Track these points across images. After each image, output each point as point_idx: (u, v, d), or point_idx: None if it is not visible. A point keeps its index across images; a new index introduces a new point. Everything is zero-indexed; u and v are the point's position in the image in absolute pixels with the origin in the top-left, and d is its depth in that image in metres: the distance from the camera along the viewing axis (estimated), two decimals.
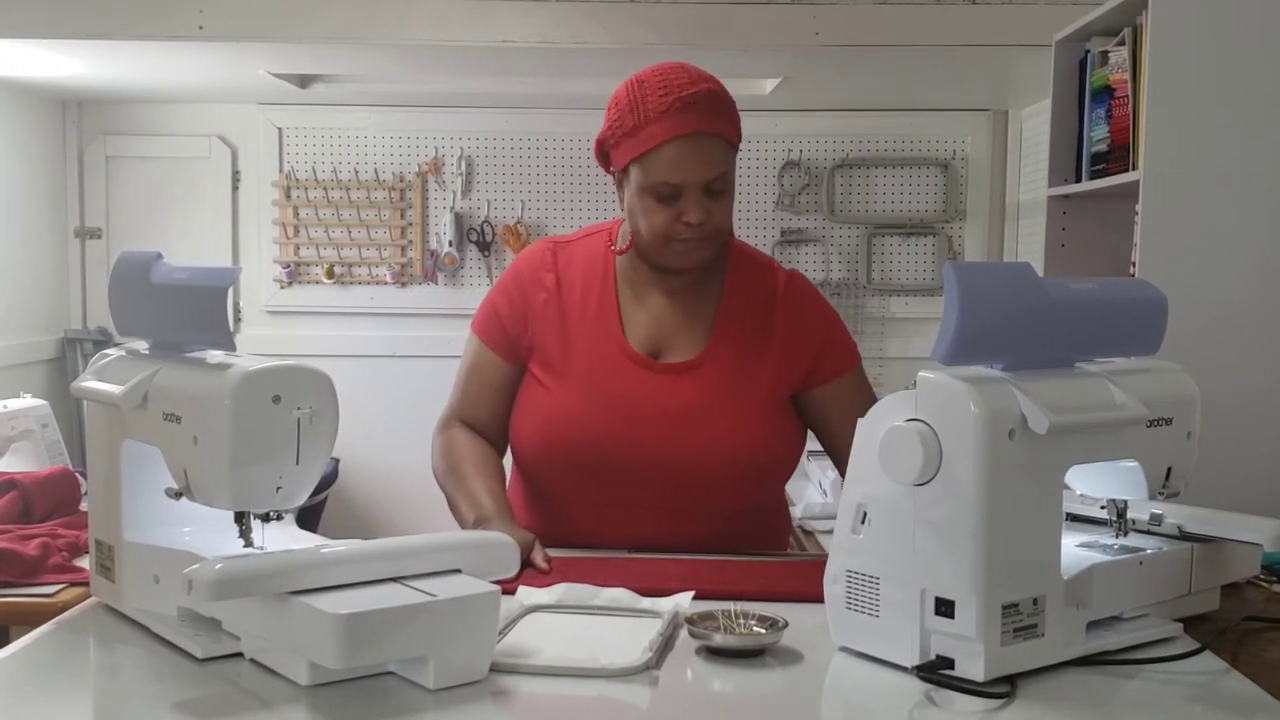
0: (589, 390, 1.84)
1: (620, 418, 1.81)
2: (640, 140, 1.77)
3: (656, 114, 1.76)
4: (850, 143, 4.54)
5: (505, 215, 4.56)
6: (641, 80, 1.80)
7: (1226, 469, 2.10)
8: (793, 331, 1.88)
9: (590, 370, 1.85)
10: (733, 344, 1.86)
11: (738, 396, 1.83)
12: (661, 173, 1.76)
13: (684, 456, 1.79)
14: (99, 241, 4.60)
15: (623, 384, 1.84)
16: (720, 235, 1.83)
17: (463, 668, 1.25)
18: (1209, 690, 1.30)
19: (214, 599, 1.21)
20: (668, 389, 1.83)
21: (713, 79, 1.81)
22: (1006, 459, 1.25)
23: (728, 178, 1.79)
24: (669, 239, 1.80)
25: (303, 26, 3.28)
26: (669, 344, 1.87)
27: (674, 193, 1.77)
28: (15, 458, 2.86)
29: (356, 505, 4.53)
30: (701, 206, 1.77)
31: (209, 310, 1.38)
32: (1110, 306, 1.42)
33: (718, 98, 1.79)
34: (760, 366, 1.86)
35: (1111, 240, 2.91)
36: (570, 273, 1.91)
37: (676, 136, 1.75)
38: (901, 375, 4.43)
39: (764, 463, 1.85)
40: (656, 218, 1.79)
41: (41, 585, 2.16)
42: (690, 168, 1.75)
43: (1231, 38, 2.43)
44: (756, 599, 1.50)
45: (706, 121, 1.76)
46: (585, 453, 1.81)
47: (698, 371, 1.84)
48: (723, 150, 1.78)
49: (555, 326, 1.88)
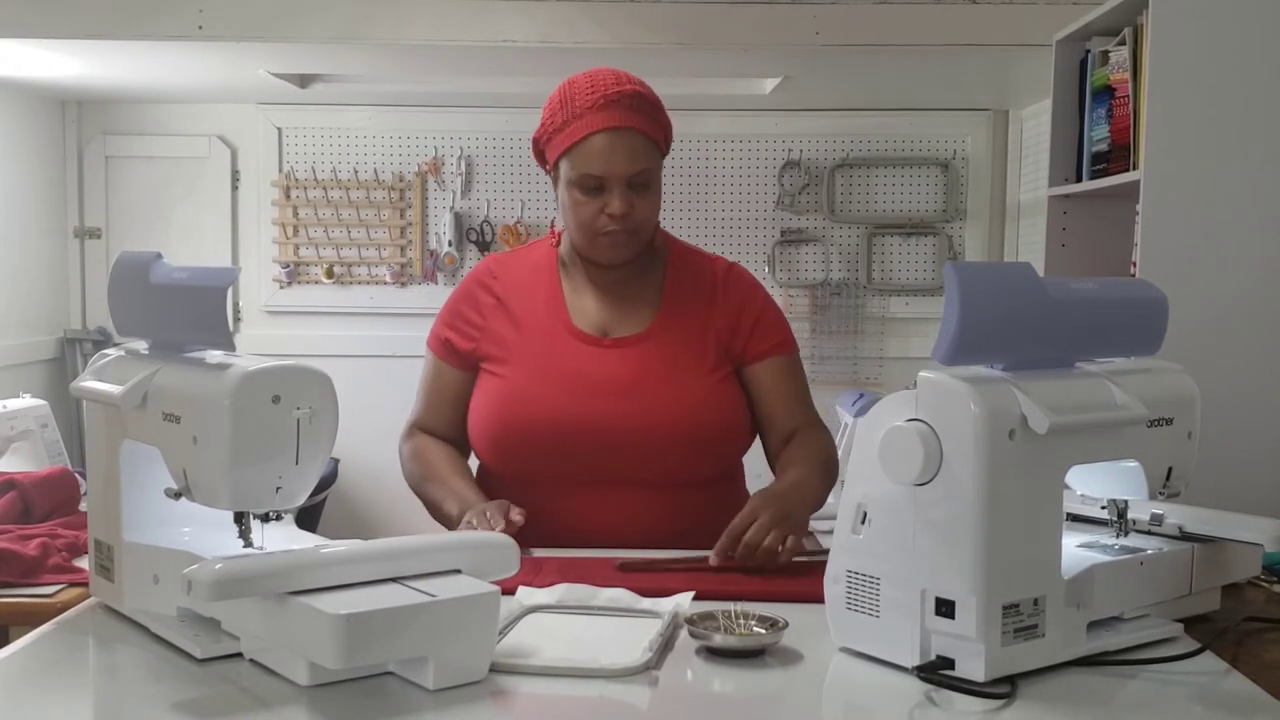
0: (540, 369, 1.92)
1: (572, 392, 1.89)
2: (567, 134, 1.87)
3: (583, 109, 1.86)
4: (850, 143, 4.54)
5: (505, 215, 4.55)
6: (573, 81, 1.91)
7: (1227, 469, 2.10)
8: (731, 308, 1.98)
9: (540, 352, 1.94)
10: (677, 320, 1.96)
11: (685, 366, 1.92)
12: (586, 164, 1.86)
13: (637, 424, 1.86)
14: (98, 241, 4.59)
15: (573, 360, 1.92)
16: (644, 230, 1.92)
17: (463, 668, 1.25)
18: (1209, 690, 1.30)
19: (213, 599, 1.21)
20: (617, 362, 1.92)
21: (642, 84, 1.92)
22: (1007, 459, 1.25)
23: (651, 174, 1.88)
24: (594, 232, 1.89)
25: (303, 26, 3.28)
26: (616, 324, 1.96)
27: (598, 185, 1.86)
28: (15, 458, 2.86)
29: (356, 505, 4.53)
30: (624, 199, 1.86)
31: (208, 310, 1.38)
32: (1110, 306, 1.42)
33: (643, 99, 1.89)
34: (703, 341, 1.95)
35: (1112, 240, 2.91)
36: (517, 277, 2.02)
37: (601, 130, 1.84)
38: (902, 375, 4.43)
39: (715, 426, 1.91)
40: (583, 211, 1.89)
41: (41, 585, 2.16)
42: (613, 160, 1.85)
43: (1231, 38, 2.43)
44: (756, 599, 1.50)
45: (630, 118, 1.85)
46: (540, 428, 1.88)
47: (645, 344, 1.94)
48: (646, 147, 1.87)
49: (505, 326, 1.97)
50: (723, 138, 4.52)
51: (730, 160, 4.54)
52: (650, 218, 1.92)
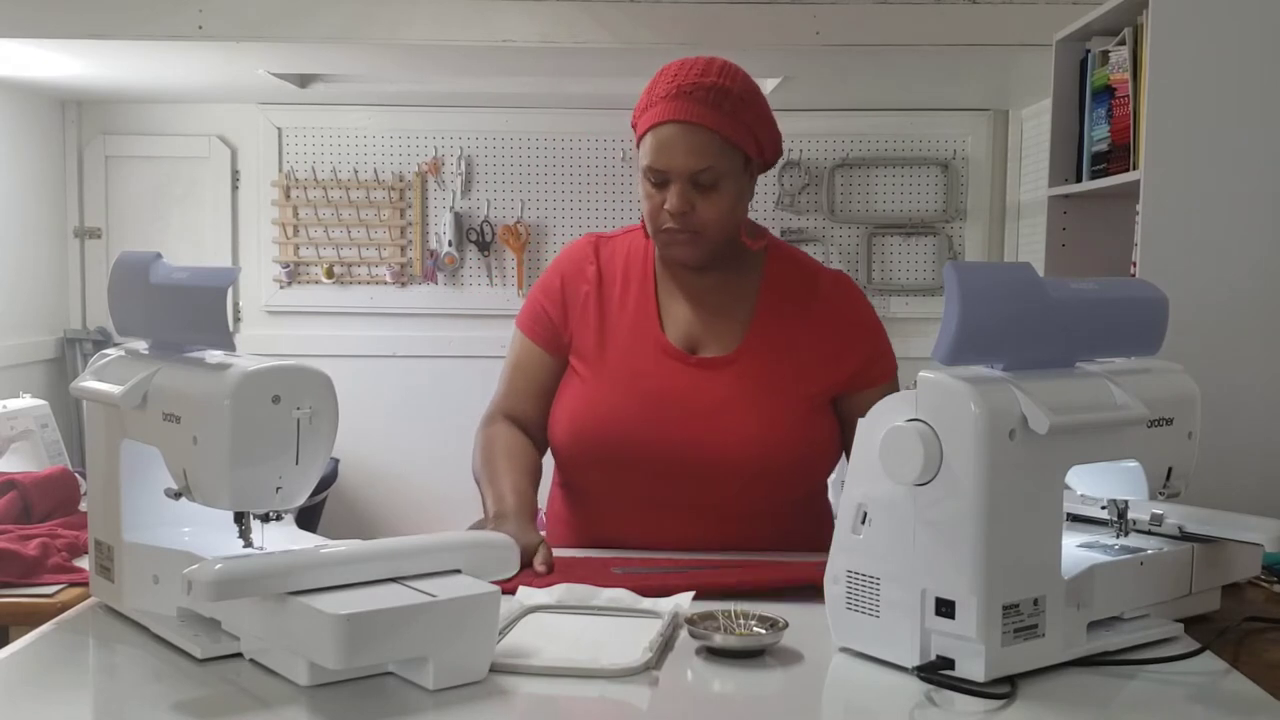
0: (621, 383, 1.84)
1: (650, 412, 1.81)
2: (644, 121, 1.80)
3: (658, 98, 1.78)
4: (850, 143, 4.54)
5: (505, 215, 4.55)
6: (665, 67, 1.82)
7: (1227, 469, 2.10)
8: (835, 333, 1.87)
9: (624, 363, 1.85)
10: (769, 341, 1.85)
11: (770, 394, 1.82)
12: (650, 155, 1.78)
13: (712, 454, 1.78)
14: (98, 241, 4.60)
15: (655, 378, 1.83)
16: (710, 232, 1.80)
17: (462, 668, 1.25)
18: (1209, 691, 1.29)
19: (213, 599, 1.21)
20: (700, 384, 1.82)
21: (734, 77, 1.79)
22: (1007, 459, 1.25)
23: (719, 174, 1.77)
24: (656, 227, 1.81)
25: (302, 26, 3.28)
26: (705, 339, 1.87)
27: (662, 179, 1.78)
28: (15, 458, 2.86)
29: (356, 505, 4.53)
30: (683, 196, 1.76)
31: (208, 310, 1.38)
32: (1111, 306, 1.42)
33: (725, 93, 1.76)
34: (797, 365, 1.84)
35: (1112, 240, 2.91)
36: (612, 266, 1.92)
37: (667, 121, 1.76)
38: (902, 375, 4.40)
39: (792, 462, 1.81)
40: (648, 203, 1.81)
41: (41, 585, 2.16)
42: (674, 154, 1.76)
43: (1231, 38, 2.43)
44: (756, 588, 1.51)
45: (699, 112, 1.75)
46: (612, 445, 1.80)
47: (732, 367, 1.83)
48: (714, 145, 1.76)
49: (594, 319, 1.89)
50: None
51: None
52: (716, 220, 1.79)
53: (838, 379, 1.86)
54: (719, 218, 1.79)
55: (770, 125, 1.84)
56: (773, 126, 1.85)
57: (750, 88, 1.81)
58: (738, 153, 1.78)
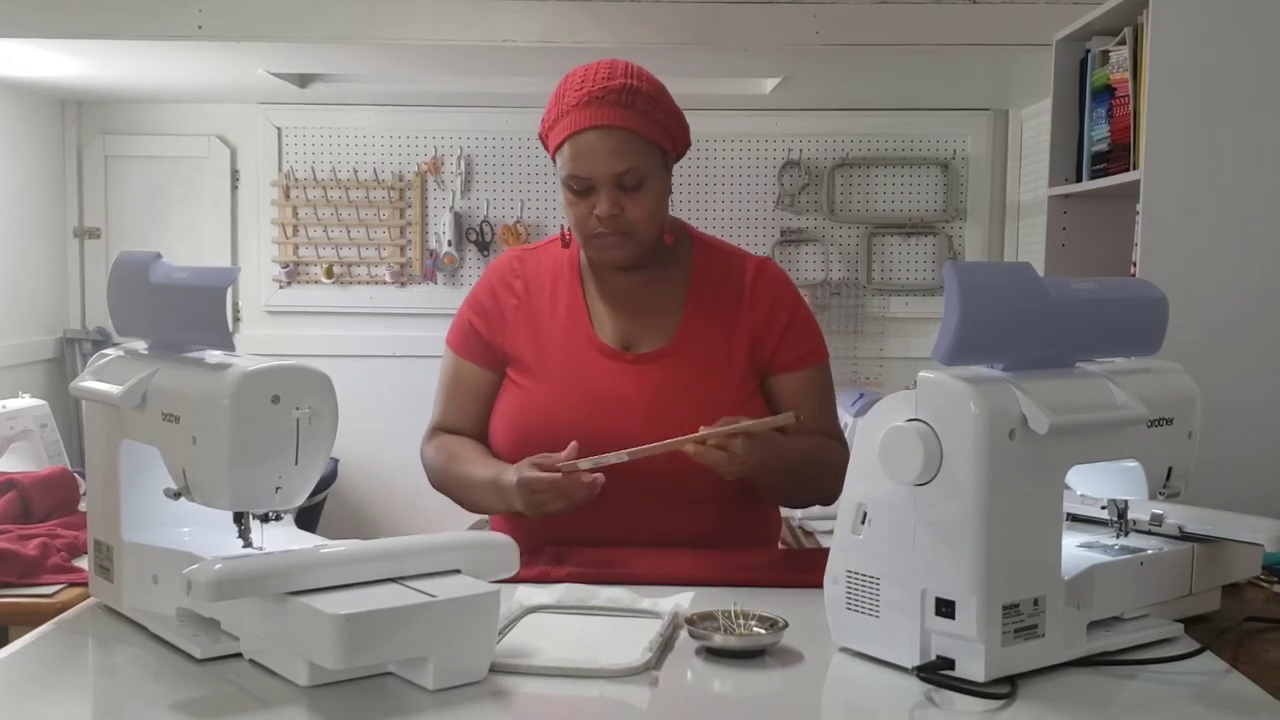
0: (561, 385, 1.86)
1: (593, 409, 1.83)
2: (557, 132, 1.81)
3: (570, 107, 1.79)
4: (850, 142, 4.54)
5: (505, 215, 4.55)
6: (571, 74, 1.84)
7: (1227, 469, 2.10)
8: (760, 314, 1.90)
9: (563, 366, 1.87)
10: (702, 331, 1.88)
11: (708, 383, 1.85)
12: (571, 164, 1.79)
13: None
14: (98, 241, 4.59)
15: (595, 376, 1.86)
16: (640, 232, 1.82)
17: (462, 668, 1.25)
18: (1210, 691, 1.29)
19: (213, 599, 1.21)
20: (640, 379, 1.85)
21: (640, 75, 1.82)
22: (1007, 459, 1.25)
23: (643, 173, 1.79)
24: (587, 234, 1.83)
25: (302, 26, 3.28)
26: (639, 336, 1.90)
27: (586, 186, 1.80)
28: (14, 458, 2.86)
29: (356, 505, 4.53)
30: (611, 200, 1.79)
31: (208, 310, 1.38)
32: (1111, 306, 1.42)
33: (636, 93, 1.79)
34: (730, 352, 1.87)
35: (1112, 240, 2.91)
36: (539, 278, 1.95)
37: (583, 129, 1.77)
38: (902, 375, 4.42)
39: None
40: (574, 211, 1.83)
41: (40, 585, 2.16)
42: (597, 160, 1.77)
43: (1231, 38, 2.43)
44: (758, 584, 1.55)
45: (615, 115, 1.77)
46: (556, 442, 1.79)
47: (669, 360, 1.87)
48: (635, 145, 1.78)
49: (527, 330, 1.91)
50: (723, 137, 4.52)
51: (730, 160, 4.54)
52: (644, 219, 1.82)
53: (760, 362, 1.89)
54: (647, 216, 1.82)
55: (679, 118, 1.87)
56: (681, 119, 1.88)
57: (656, 84, 1.84)
58: (656, 149, 1.81)
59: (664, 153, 1.84)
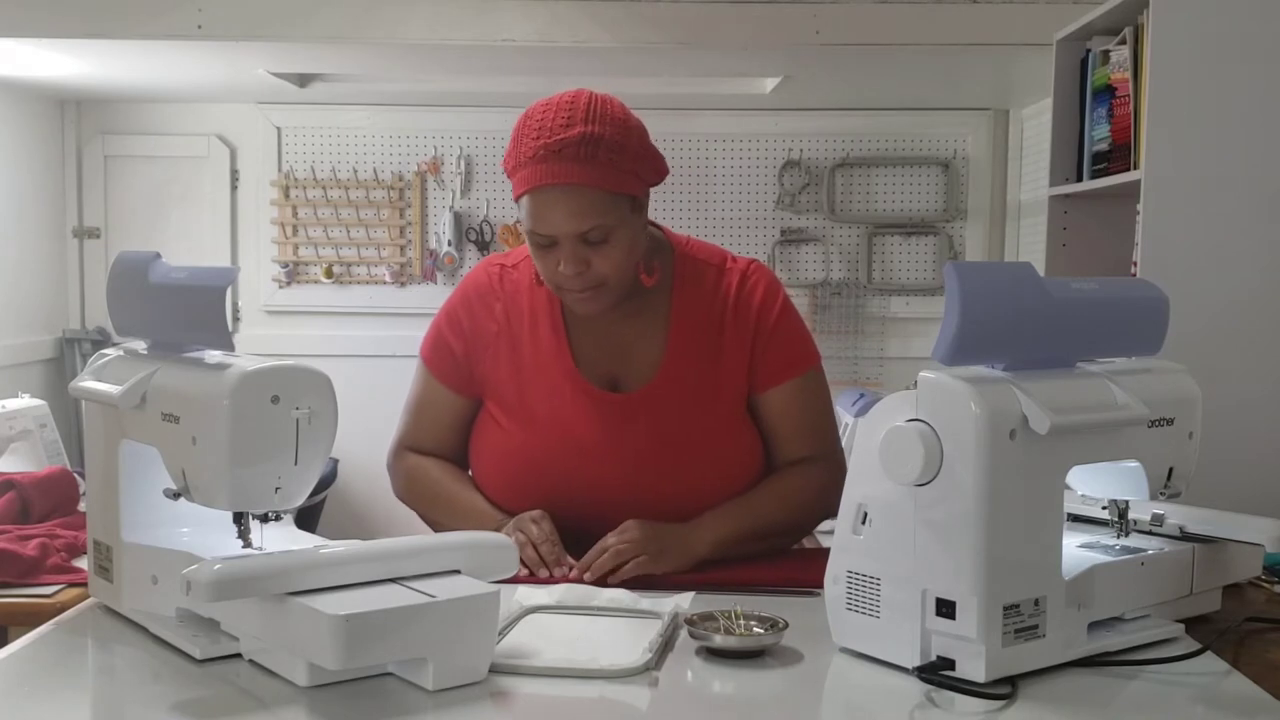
0: (548, 432, 1.78)
1: (582, 459, 1.76)
2: (517, 183, 1.70)
3: (525, 159, 1.67)
4: (850, 142, 4.54)
5: (504, 215, 4.55)
6: (529, 115, 1.70)
7: (1228, 469, 2.10)
8: (745, 332, 1.81)
9: (548, 412, 1.79)
10: (687, 361, 1.80)
11: (698, 420, 1.79)
12: (531, 221, 1.69)
13: (650, 493, 1.75)
14: (97, 241, 4.59)
15: (581, 423, 1.78)
16: (611, 282, 1.72)
17: (462, 669, 1.25)
18: (1210, 691, 1.29)
19: (212, 600, 1.21)
20: (626, 424, 1.77)
21: (604, 118, 1.67)
22: (1007, 459, 1.25)
23: (608, 229, 1.67)
24: (556, 286, 1.74)
25: (302, 26, 3.28)
26: (624, 372, 1.81)
27: (549, 242, 1.69)
28: (13, 458, 2.85)
29: (355, 506, 4.53)
30: (576, 258, 1.68)
31: (207, 310, 1.38)
32: (1111, 306, 1.42)
33: (597, 142, 1.64)
34: (717, 378, 1.80)
35: (1112, 240, 2.91)
36: (518, 302, 1.84)
37: (539, 186, 1.65)
38: (902, 375, 4.42)
39: (722, 485, 1.79)
40: (540, 263, 1.73)
41: (40, 586, 2.16)
42: (557, 220, 1.66)
43: (1232, 38, 2.43)
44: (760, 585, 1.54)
45: (574, 171, 1.63)
46: (551, 495, 1.76)
47: (655, 400, 1.78)
48: (597, 201, 1.65)
49: (506, 360, 1.83)
50: (723, 137, 4.51)
51: (730, 160, 4.54)
52: (614, 271, 1.71)
53: (745, 381, 1.82)
54: (616, 268, 1.71)
55: (650, 153, 1.74)
56: (653, 153, 1.75)
57: (620, 122, 1.69)
58: (623, 198, 1.69)
59: (633, 198, 1.71)
